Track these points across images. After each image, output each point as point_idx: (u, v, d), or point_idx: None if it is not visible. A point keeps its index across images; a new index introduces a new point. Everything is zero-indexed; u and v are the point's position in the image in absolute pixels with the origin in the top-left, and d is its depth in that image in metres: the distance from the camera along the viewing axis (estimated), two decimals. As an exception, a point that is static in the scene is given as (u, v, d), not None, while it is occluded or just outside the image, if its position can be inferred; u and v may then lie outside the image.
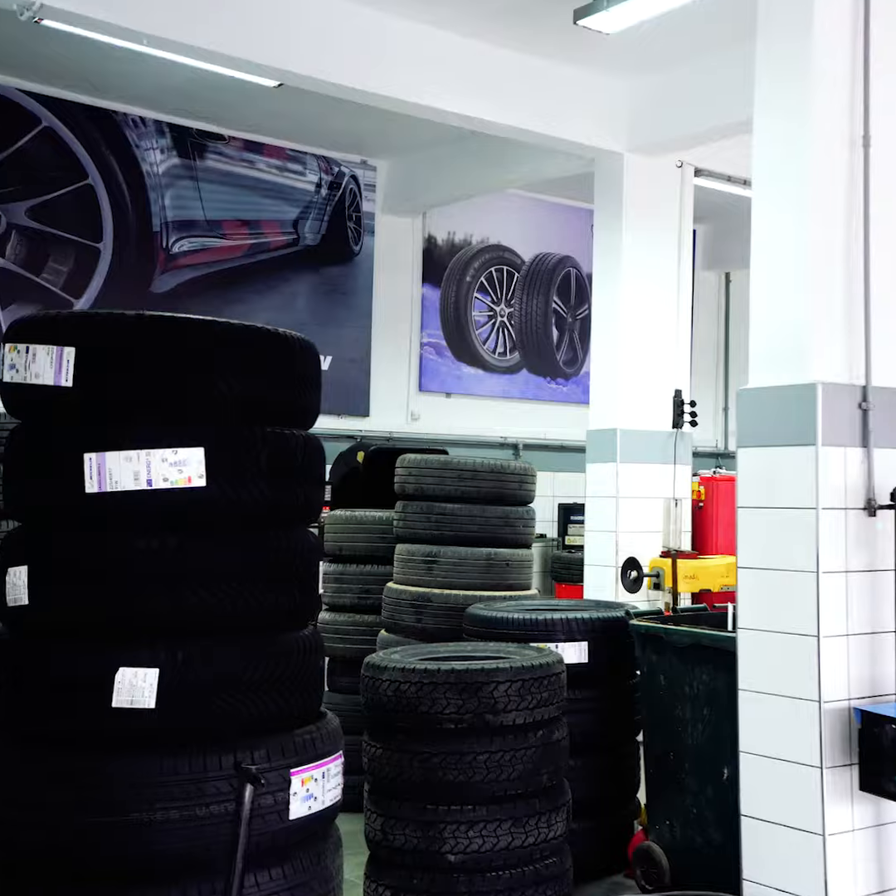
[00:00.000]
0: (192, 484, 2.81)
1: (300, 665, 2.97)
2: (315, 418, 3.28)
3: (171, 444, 2.83)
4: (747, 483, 4.52)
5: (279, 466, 2.97)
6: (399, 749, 4.36)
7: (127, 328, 2.91)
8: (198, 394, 2.90)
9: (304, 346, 3.13)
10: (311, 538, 3.13)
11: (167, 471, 2.80)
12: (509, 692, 4.38)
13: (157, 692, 2.74)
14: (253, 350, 2.97)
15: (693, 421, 8.23)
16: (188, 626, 2.85)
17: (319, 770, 2.91)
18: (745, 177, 8.50)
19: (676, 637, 4.87)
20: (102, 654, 2.84)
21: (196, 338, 2.91)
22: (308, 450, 3.09)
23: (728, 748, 4.58)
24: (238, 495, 2.88)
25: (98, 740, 2.82)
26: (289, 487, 3.00)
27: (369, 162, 10.38)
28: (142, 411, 2.89)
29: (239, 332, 2.97)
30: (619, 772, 5.33)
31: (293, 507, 3.03)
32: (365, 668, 4.58)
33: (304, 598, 3.03)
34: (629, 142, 7.90)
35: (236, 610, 2.87)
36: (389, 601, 5.97)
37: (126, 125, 8.94)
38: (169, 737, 2.80)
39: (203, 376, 2.90)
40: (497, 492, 5.97)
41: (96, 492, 2.82)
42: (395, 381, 10.64)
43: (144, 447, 2.82)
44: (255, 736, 2.86)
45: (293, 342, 3.08)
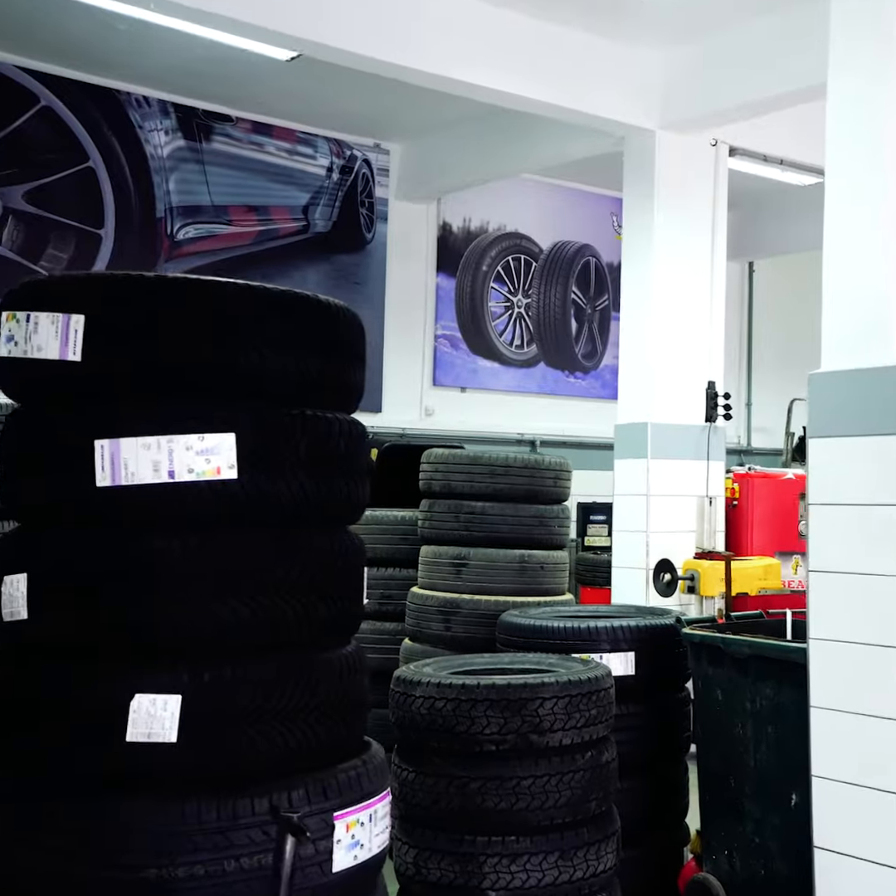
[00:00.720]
0: (221, 476, 2.38)
1: (344, 688, 2.52)
2: (359, 399, 2.83)
3: (198, 428, 2.39)
4: (820, 477, 4.10)
5: (321, 456, 2.53)
6: (433, 773, 3.97)
7: (146, 292, 2.45)
8: (228, 369, 2.46)
9: (348, 316, 2.68)
10: (355, 540, 2.68)
11: (193, 460, 2.37)
12: (556, 710, 3.97)
13: (179, 723, 2.30)
14: (292, 319, 2.52)
15: (727, 414, 7.84)
16: (216, 644, 2.41)
17: (366, 812, 2.46)
18: (781, 156, 8.11)
19: (736, 647, 4.45)
20: (114, 677, 2.39)
21: (226, 303, 2.46)
22: (353, 437, 2.65)
23: (797, 771, 4.16)
24: (275, 489, 2.45)
25: (109, 781, 2.37)
26: (332, 481, 2.56)
27: (383, 145, 9.95)
28: (163, 391, 2.45)
29: (276, 297, 2.50)
30: (667, 794, 4.92)
31: (336, 503, 2.59)
32: (395, 684, 4.18)
33: (347, 609, 2.58)
34: (661, 118, 7.50)
35: (272, 624, 2.43)
36: (414, 607, 5.55)
37: (129, 105, 8.48)
38: (193, 776, 2.35)
39: (235, 348, 2.45)
40: (531, 489, 5.55)
41: (109, 485, 2.38)
42: (409, 375, 10.25)
43: (166, 432, 2.38)
44: (294, 774, 2.41)
45: (337, 311, 2.63)
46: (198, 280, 2.47)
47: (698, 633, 4.65)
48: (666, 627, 4.86)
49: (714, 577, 7.11)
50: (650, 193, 7.63)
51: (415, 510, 5.82)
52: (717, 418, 7.78)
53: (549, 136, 8.52)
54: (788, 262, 12.30)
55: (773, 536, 7.90)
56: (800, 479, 8.24)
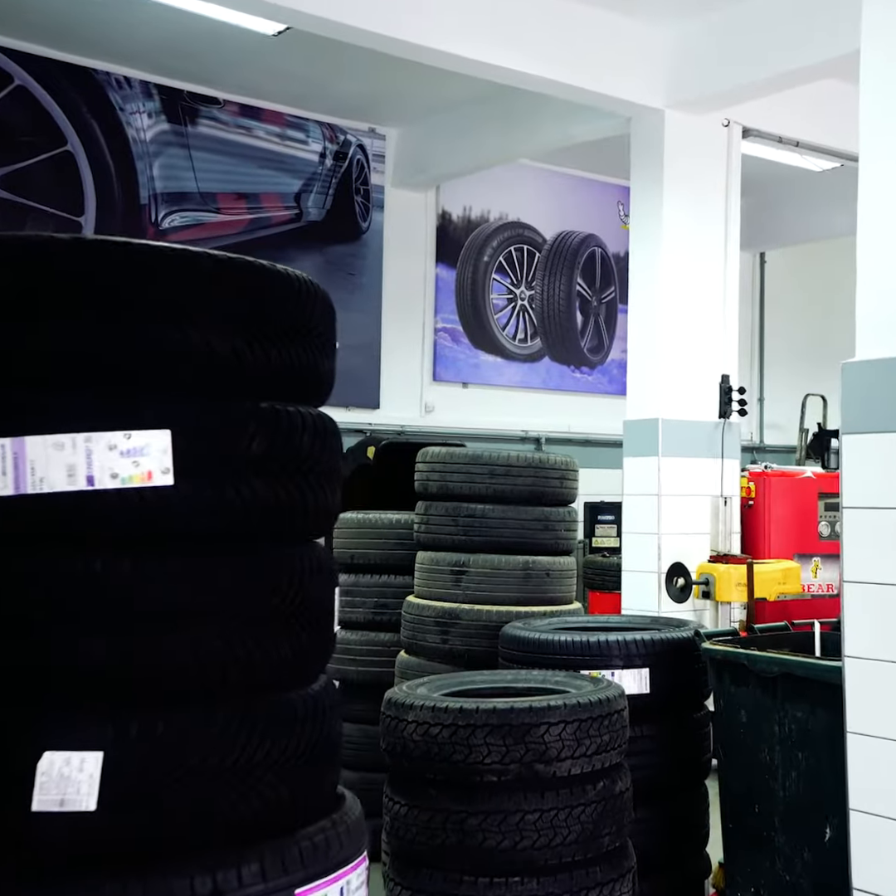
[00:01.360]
0: (153, 482, 1.94)
1: (309, 736, 2.08)
2: (329, 391, 2.40)
3: (124, 424, 1.96)
4: (855, 477, 3.70)
5: (281, 456, 2.10)
6: (429, 807, 3.60)
7: (60, 256, 2.00)
8: (163, 353, 2.02)
9: (314, 292, 2.23)
10: (323, 556, 2.25)
11: (117, 463, 1.94)
12: (564, 736, 3.60)
13: (99, 786, 1.86)
14: (244, 293, 2.09)
15: (742, 410, 7.44)
16: (146, 688, 1.96)
17: (337, 885, 2.03)
18: (797, 138, 7.69)
19: (763, 665, 4.04)
20: (18, 730, 1.95)
21: (162, 272, 2.03)
22: (320, 434, 2.19)
23: (831, 803, 3.77)
24: (222, 498, 2.01)
25: (11, 860, 1.92)
26: (294, 486, 2.12)
27: (378, 130, 9.55)
28: (81, 378, 2.00)
29: (224, 267, 2.07)
30: (685, 822, 4.52)
31: (300, 513, 2.15)
32: (386, 707, 3.80)
33: (315, 640, 2.15)
34: (670, 97, 7.10)
35: (219, 663, 1.99)
36: (410, 618, 5.15)
37: (109, 86, 8.07)
38: (117, 851, 1.91)
39: (171, 327, 2.01)
40: (535, 490, 5.13)
41: (11, 494, 1.95)
42: (408, 370, 9.88)
43: (83, 429, 1.94)
44: (246, 843, 1.97)
45: (300, 285, 2.19)
46: (126, 244, 2.03)
47: (720, 649, 4.24)
48: (683, 641, 4.47)
49: (730, 581, 6.77)
50: (659, 178, 7.26)
51: (411, 512, 5.42)
52: (731, 414, 7.42)
53: (553, 118, 8.16)
54: (801, 253, 11.96)
55: (791, 538, 7.54)
56: (819, 478, 7.87)
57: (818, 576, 7.67)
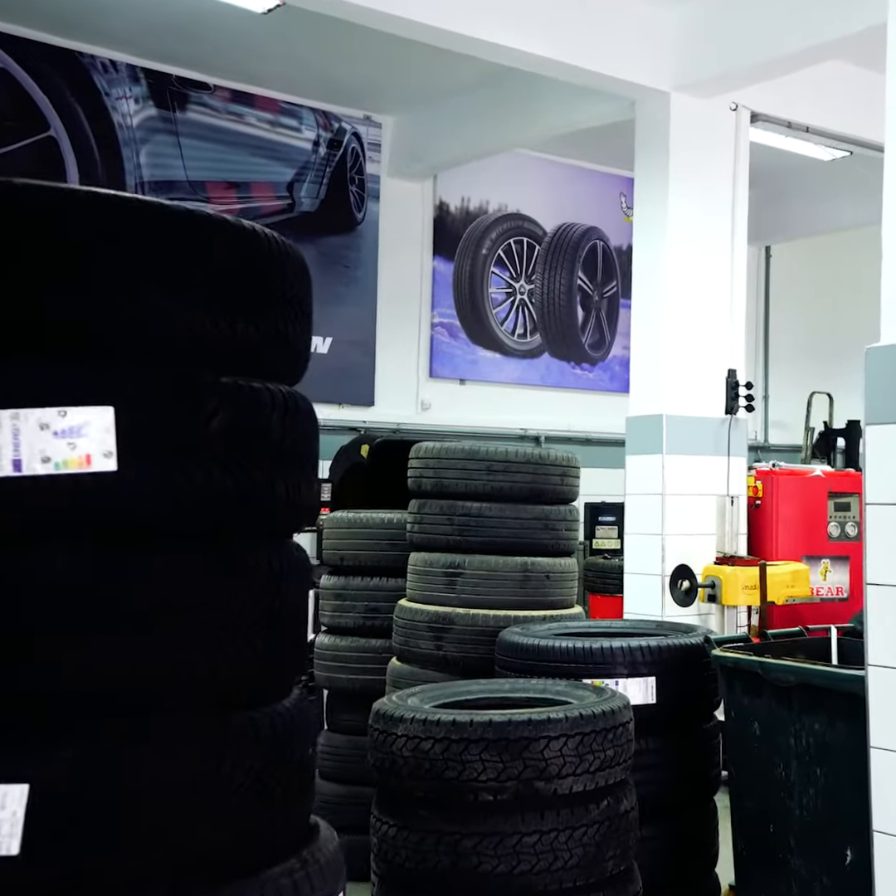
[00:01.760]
0: (92, 467, 1.66)
1: (274, 761, 1.80)
2: (304, 367, 2.12)
3: (58, 399, 1.67)
4: (881, 471, 3.46)
5: (244, 439, 1.82)
6: (419, 828, 3.35)
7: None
8: (105, 316, 1.73)
9: (285, 251, 1.96)
10: (296, 556, 1.97)
11: (50, 445, 1.65)
12: (565, 751, 3.34)
13: (24, 826, 1.57)
14: (201, 248, 1.81)
15: (749, 406, 7.19)
16: (77, 708, 1.67)
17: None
18: (806, 123, 7.43)
19: (778, 674, 3.78)
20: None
21: (98, 221, 1.73)
22: (292, 414, 1.91)
23: (853, 823, 3.51)
24: (173, 487, 1.72)
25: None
26: (261, 473, 1.83)
27: (374, 118, 9.29)
28: (6, 345, 1.71)
29: (180, 219, 1.80)
30: (693, 841, 4.25)
31: (267, 505, 1.87)
32: (374, 719, 3.55)
33: (282, 652, 1.85)
34: (676, 79, 6.85)
35: (162, 677, 1.71)
36: (402, 623, 4.87)
37: (94, 69, 7.79)
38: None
39: (115, 288, 1.73)
40: (534, 487, 4.86)
41: (-77, 481, 1.67)
42: (403, 366, 9.61)
43: (9, 404, 1.66)
44: (199, 887, 1.69)
45: (269, 242, 1.91)
46: (55, 190, 1.74)
47: (731, 657, 3.98)
48: (692, 648, 4.20)
49: (737, 584, 6.52)
50: (664, 164, 7.01)
51: (404, 512, 5.15)
52: (738, 410, 7.17)
53: (555, 104, 7.92)
54: (808, 246, 11.71)
55: (800, 539, 7.30)
56: (828, 477, 7.61)
57: (827, 578, 7.42)
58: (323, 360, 8.86)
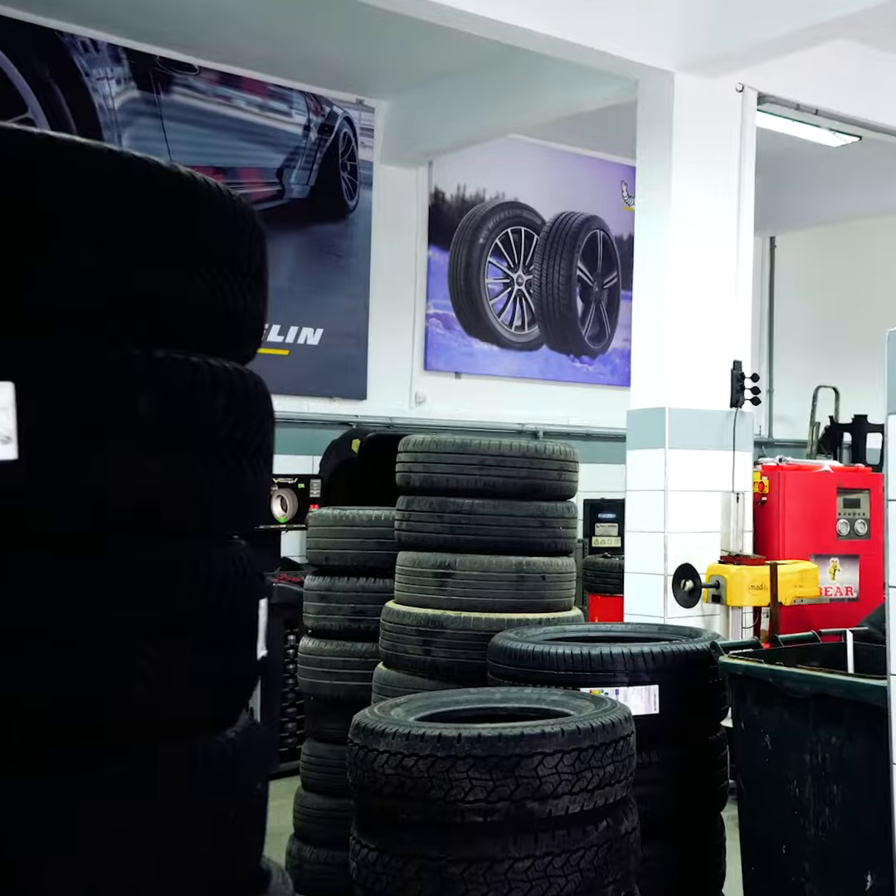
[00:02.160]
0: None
1: (215, 802, 1.52)
2: (258, 341, 1.83)
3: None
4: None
5: (181, 425, 1.55)
6: (402, 853, 3.09)
7: None
8: (6, 277, 1.45)
9: (235, 205, 1.67)
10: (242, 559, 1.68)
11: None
12: (561, 768, 3.09)
13: None
14: (135, 199, 1.53)
15: (755, 398, 6.93)
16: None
17: None
18: (815, 105, 7.15)
19: (792, 683, 3.51)
20: None
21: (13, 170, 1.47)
22: (239, 394, 1.62)
23: (873, 846, 3.24)
24: (88, 479, 1.44)
25: None
26: (199, 464, 1.55)
27: (366, 102, 8.98)
28: None
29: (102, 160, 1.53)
30: (698, 861, 3.98)
31: (206, 501, 1.57)
32: (353, 733, 3.29)
33: (224, 672, 1.57)
34: (681, 57, 6.58)
35: (79, 704, 1.42)
36: (389, 626, 4.60)
37: (74, 49, 7.49)
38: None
39: (19, 240, 1.45)
40: (530, 483, 4.59)
41: None
42: (397, 358, 9.33)
43: None
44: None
45: (210, 192, 1.62)
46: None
47: (741, 664, 3.71)
48: (698, 654, 3.93)
49: (742, 584, 6.26)
50: (667, 147, 6.75)
51: (393, 509, 4.88)
52: (743, 402, 6.92)
53: (555, 85, 7.64)
54: (814, 237, 11.46)
55: (807, 537, 7.06)
56: (837, 472, 7.35)
57: (836, 578, 7.18)
58: (314, 353, 8.59)
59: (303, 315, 8.48)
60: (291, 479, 7.76)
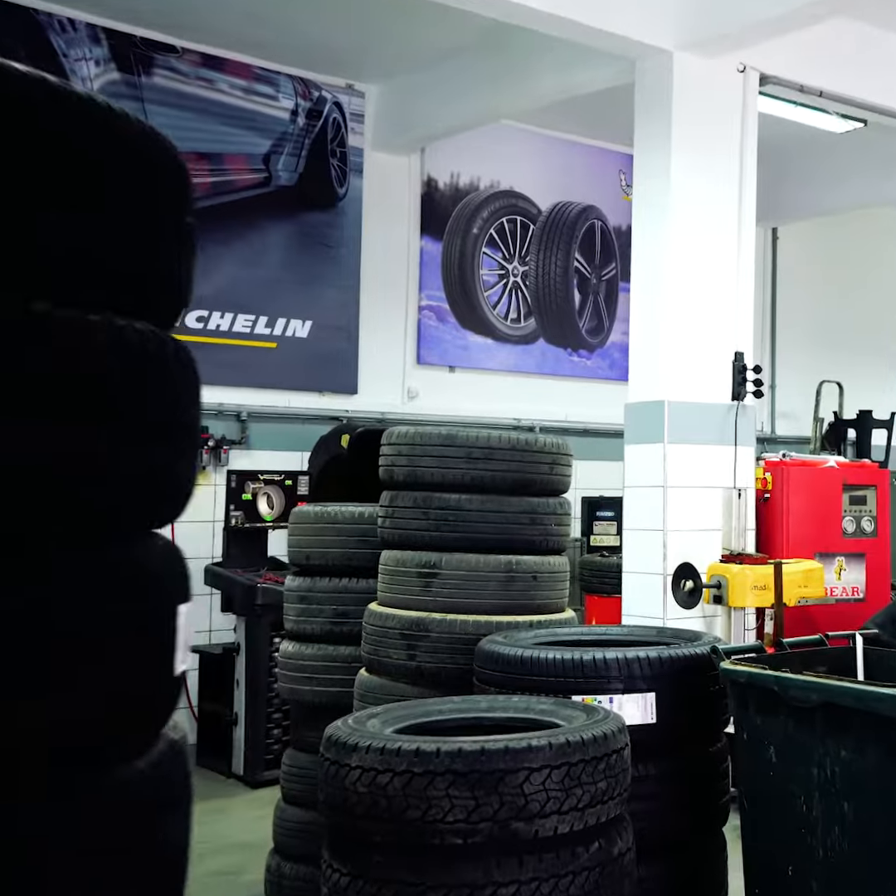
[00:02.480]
0: None
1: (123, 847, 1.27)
2: (178, 301, 1.56)
3: None
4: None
5: (80, 394, 1.30)
6: (376, 877, 2.86)
7: None
8: None
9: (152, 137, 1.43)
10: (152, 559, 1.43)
11: None
12: (548, 785, 2.87)
13: None
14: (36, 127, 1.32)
15: (758, 391, 6.70)
16: None
17: None
18: (820, 87, 6.90)
19: (798, 691, 3.26)
20: None
21: None
22: (153, 363, 1.39)
23: (887, 867, 3.01)
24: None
25: None
26: (103, 443, 1.30)
27: (356, 86, 8.71)
28: None
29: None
30: (698, 881, 3.75)
31: (108, 487, 1.32)
32: (325, 747, 3.07)
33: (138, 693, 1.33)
34: (680, 36, 6.34)
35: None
36: (371, 630, 4.36)
37: (51, 28, 7.23)
38: None
39: None
40: (520, 477, 4.34)
41: None
42: (389, 352, 9.06)
43: None
44: None
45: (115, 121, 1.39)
46: None
47: (743, 670, 3.46)
48: (698, 659, 3.71)
49: (745, 584, 6.03)
50: (666, 132, 6.52)
51: (377, 505, 4.63)
52: (745, 395, 6.69)
53: (551, 67, 7.40)
54: (818, 228, 11.23)
55: (812, 535, 6.83)
56: (843, 468, 7.10)
57: (842, 577, 6.94)
58: (302, 346, 8.33)
59: (291, 307, 8.21)
60: (278, 476, 7.52)
